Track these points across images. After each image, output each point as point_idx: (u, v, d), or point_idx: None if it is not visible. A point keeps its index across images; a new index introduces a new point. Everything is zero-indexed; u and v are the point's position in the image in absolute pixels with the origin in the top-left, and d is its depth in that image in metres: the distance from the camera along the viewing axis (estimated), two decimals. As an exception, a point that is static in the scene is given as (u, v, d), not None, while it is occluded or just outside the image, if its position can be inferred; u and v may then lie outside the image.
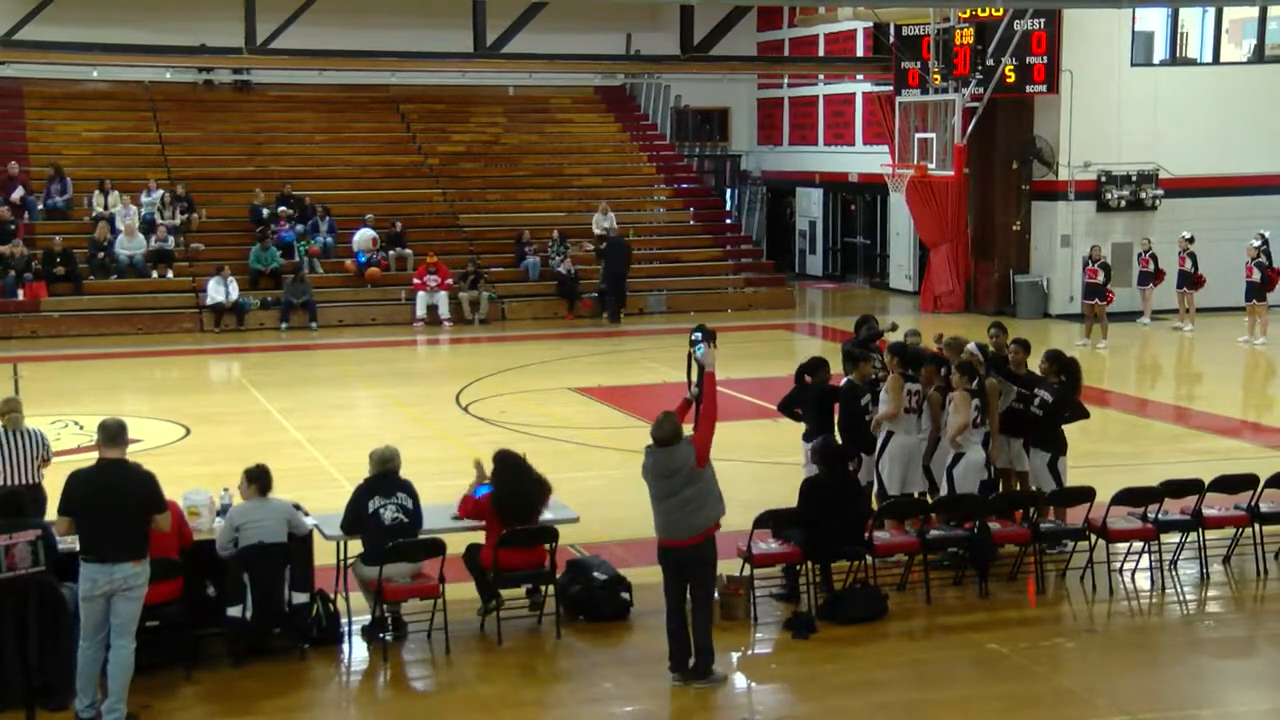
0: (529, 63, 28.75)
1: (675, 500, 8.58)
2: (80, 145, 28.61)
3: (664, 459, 8.60)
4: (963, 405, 10.55)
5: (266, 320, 25.13)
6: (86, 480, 7.94)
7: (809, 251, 34.95)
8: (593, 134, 32.88)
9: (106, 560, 7.74)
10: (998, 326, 12.12)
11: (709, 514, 8.70)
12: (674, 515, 8.60)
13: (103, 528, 7.76)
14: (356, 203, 27.98)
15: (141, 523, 7.91)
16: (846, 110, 32.78)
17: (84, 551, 7.82)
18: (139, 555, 7.86)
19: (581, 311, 26.67)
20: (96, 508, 7.77)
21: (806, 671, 9.07)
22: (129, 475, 7.95)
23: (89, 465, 8.03)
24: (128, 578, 7.80)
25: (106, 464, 7.93)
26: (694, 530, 8.60)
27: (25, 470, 9.65)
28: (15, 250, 24.47)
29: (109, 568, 7.74)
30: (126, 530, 7.82)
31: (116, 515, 7.78)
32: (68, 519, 7.86)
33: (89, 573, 7.77)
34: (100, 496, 7.80)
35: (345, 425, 16.88)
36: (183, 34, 27.40)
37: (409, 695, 8.97)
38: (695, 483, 8.59)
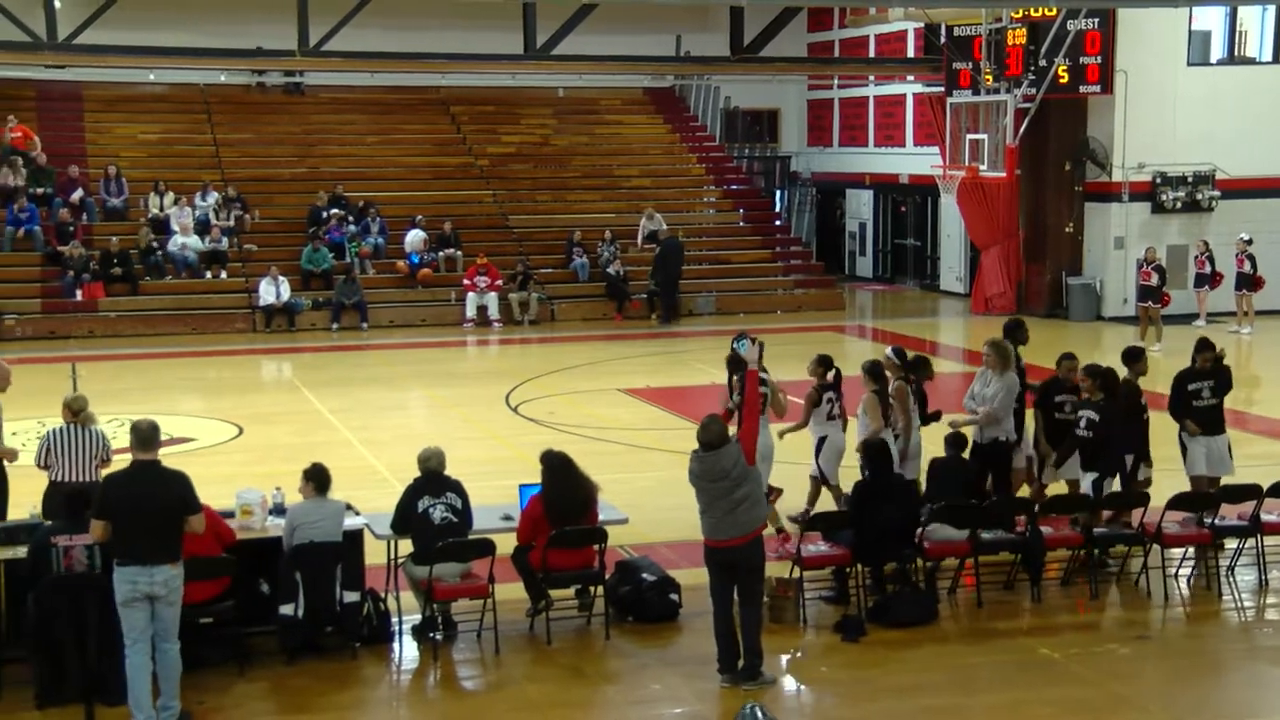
0: (579, 64, 28.78)
1: (727, 502, 8.53)
2: (137, 147, 28.96)
3: (712, 463, 8.55)
4: (872, 407, 10.95)
5: (318, 321, 25.33)
6: (121, 483, 7.96)
7: (859, 253, 34.81)
8: (642, 135, 32.91)
9: (145, 563, 7.71)
10: (1069, 357, 11.66)
11: (759, 513, 8.70)
12: (725, 517, 8.55)
13: (139, 530, 7.73)
14: (407, 204, 28.14)
15: (176, 524, 7.87)
16: (897, 111, 32.60)
17: (120, 555, 7.78)
18: (175, 558, 7.84)
19: (630, 312, 26.68)
20: (132, 511, 7.74)
21: (855, 674, 9.02)
22: (162, 477, 7.94)
23: (122, 469, 8.08)
24: (166, 581, 7.77)
25: (139, 466, 7.92)
26: (744, 529, 8.57)
27: (85, 469, 9.76)
28: (74, 251, 24.81)
29: (148, 570, 7.71)
30: (162, 532, 7.79)
31: (151, 517, 7.76)
32: (104, 523, 7.82)
33: (126, 575, 7.73)
34: (135, 499, 7.77)
35: (395, 425, 16.97)
36: (237, 37, 27.67)
37: (459, 695, 9.00)
38: (745, 482, 8.57)
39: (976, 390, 11.45)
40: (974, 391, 11.48)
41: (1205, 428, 11.35)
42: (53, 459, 9.76)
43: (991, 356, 11.41)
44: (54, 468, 9.75)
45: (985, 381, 11.40)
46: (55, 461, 9.75)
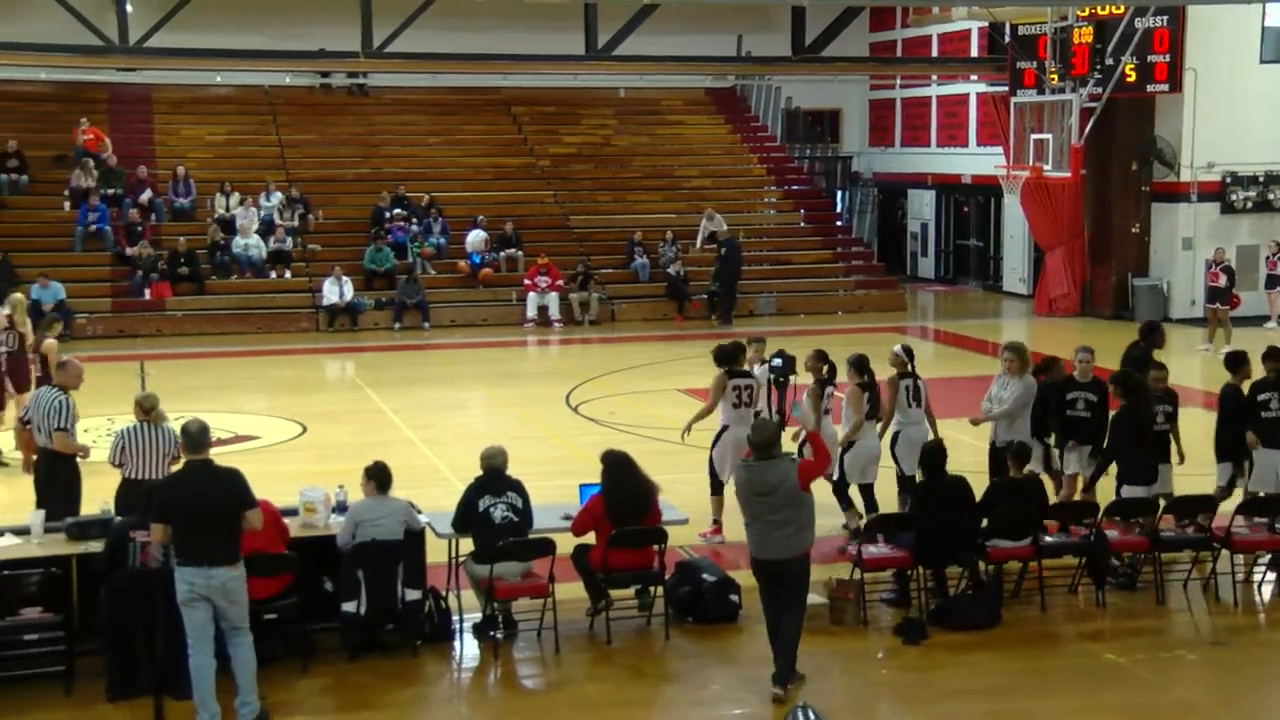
0: (640, 64, 28.82)
1: (775, 519, 8.30)
2: (204, 148, 29.35)
3: (760, 474, 8.34)
4: (855, 400, 11.27)
5: (380, 320, 25.54)
6: (176, 485, 8.04)
7: (920, 254, 34.58)
8: (703, 136, 32.88)
9: (201, 564, 7.76)
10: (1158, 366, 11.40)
11: (805, 538, 8.46)
12: (772, 534, 8.33)
13: (196, 531, 7.78)
14: (468, 204, 28.30)
15: (234, 523, 7.91)
16: (960, 111, 32.35)
17: (178, 555, 7.83)
18: (233, 559, 7.87)
19: (691, 313, 26.67)
20: (188, 512, 7.79)
21: (917, 677, 8.96)
22: (217, 476, 7.99)
23: (176, 471, 8.16)
24: (225, 583, 7.81)
25: (193, 467, 7.98)
26: (792, 550, 8.39)
27: (157, 466, 9.90)
28: (142, 251, 25.19)
29: (205, 571, 7.75)
30: (219, 532, 7.83)
31: (208, 517, 7.81)
32: (163, 526, 7.88)
33: (184, 576, 7.77)
34: (191, 500, 7.83)
35: (456, 425, 17.07)
36: (302, 39, 27.97)
37: (519, 693, 9.04)
38: (796, 505, 8.32)
39: (994, 392, 11.46)
40: (991, 394, 11.49)
41: (1265, 439, 10.88)
42: (126, 456, 9.92)
43: (1013, 360, 11.39)
44: (127, 465, 9.91)
45: (1003, 384, 11.38)
46: (128, 459, 9.91)
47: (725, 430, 11.50)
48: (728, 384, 11.49)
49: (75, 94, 29.33)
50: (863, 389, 11.36)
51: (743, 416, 11.35)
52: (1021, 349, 11.60)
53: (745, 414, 11.38)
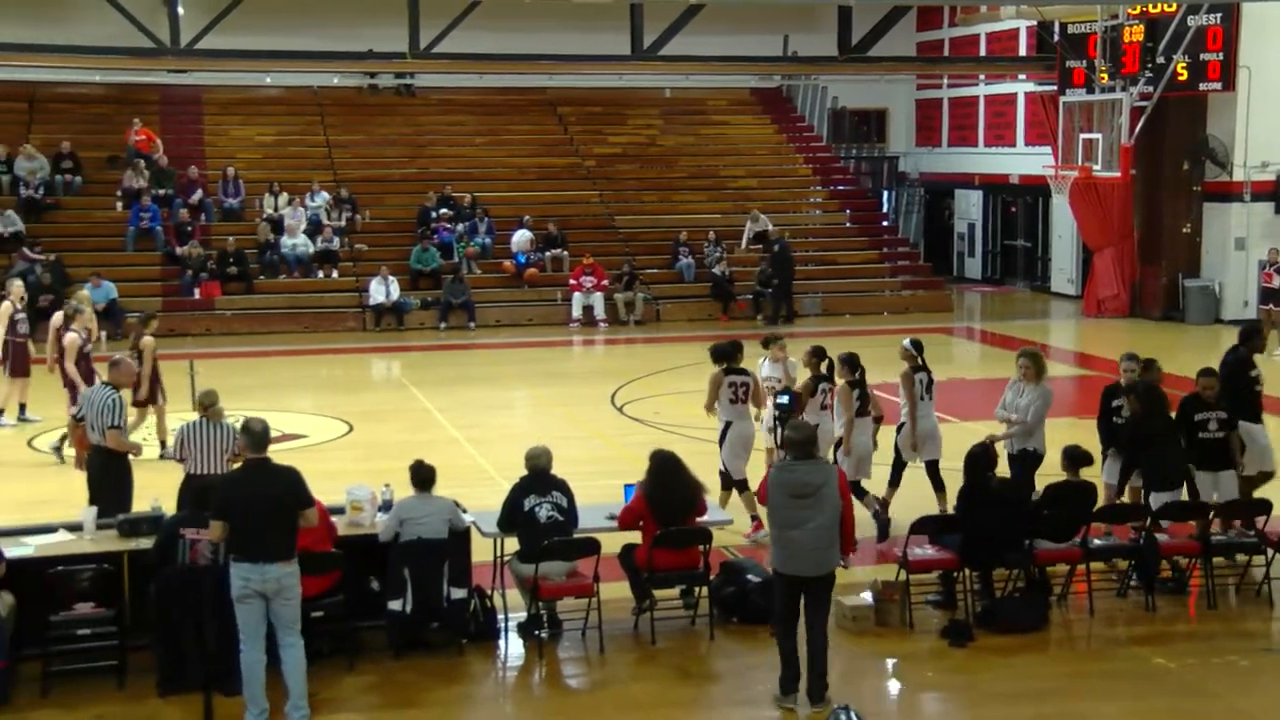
0: (686, 65, 28.82)
1: (810, 529, 8.04)
2: (253, 149, 29.62)
3: (805, 474, 8.09)
4: (844, 398, 11.38)
5: (426, 320, 25.68)
6: (237, 483, 8.12)
7: (968, 254, 34.37)
8: (748, 136, 32.83)
9: (257, 560, 7.82)
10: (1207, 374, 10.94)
11: (835, 554, 8.29)
12: (804, 546, 8.04)
13: (253, 528, 7.84)
14: (514, 204, 28.40)
15: (290, 521, 7.99)
16: (1008, 111, 32.12)
17: (234, 551, 7.90)
18: (288, 556, 7.94)
19: (736, 313, 26.63)
20: (247, 509, 7.86)
21: (963, 680, 8.90)
22: (275, 474, 8.07)
23: (237, 469, 8.23)
24: (280, 579, 7.86)
25: (253, 465, 8.06)
26: (823, 567, 8.19)
27: (216, 462, 10.03)
28: (192, 251, 25.45)
29: (260, 567, 7.81)
30: (276, 529, 7.90)
31: (266, 515, 7.88)
32: (222, 523, 7.95)
33: (239, 572, 7.83)
34: (250, 498, 7.89)
35: (501, 424, 17.13)
36: (350, 40, 28.19)
37: (563, 692, 9.06)
38: (833, 515, 8.12)
39: (1009, 399, 11.19)
40: (1006, 401, 11.22)
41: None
42: (186, 451, 10.05)
43: (1028, 367, 11.15)
44: (188, 460, 10.04)
45: (1019, 391, 11.15)
46: (189, 454, 10.04)
47: (729, 426, 11.72)
48: (724, 381, 11.68)
49: (128, 96, 29.68)
50: (852, 386, 11.50)
51: (741, 412, 11.69)
52: (1037, 355, 11.33)
53: (743, 409, 11.71)
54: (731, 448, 11.68)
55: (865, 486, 11.66)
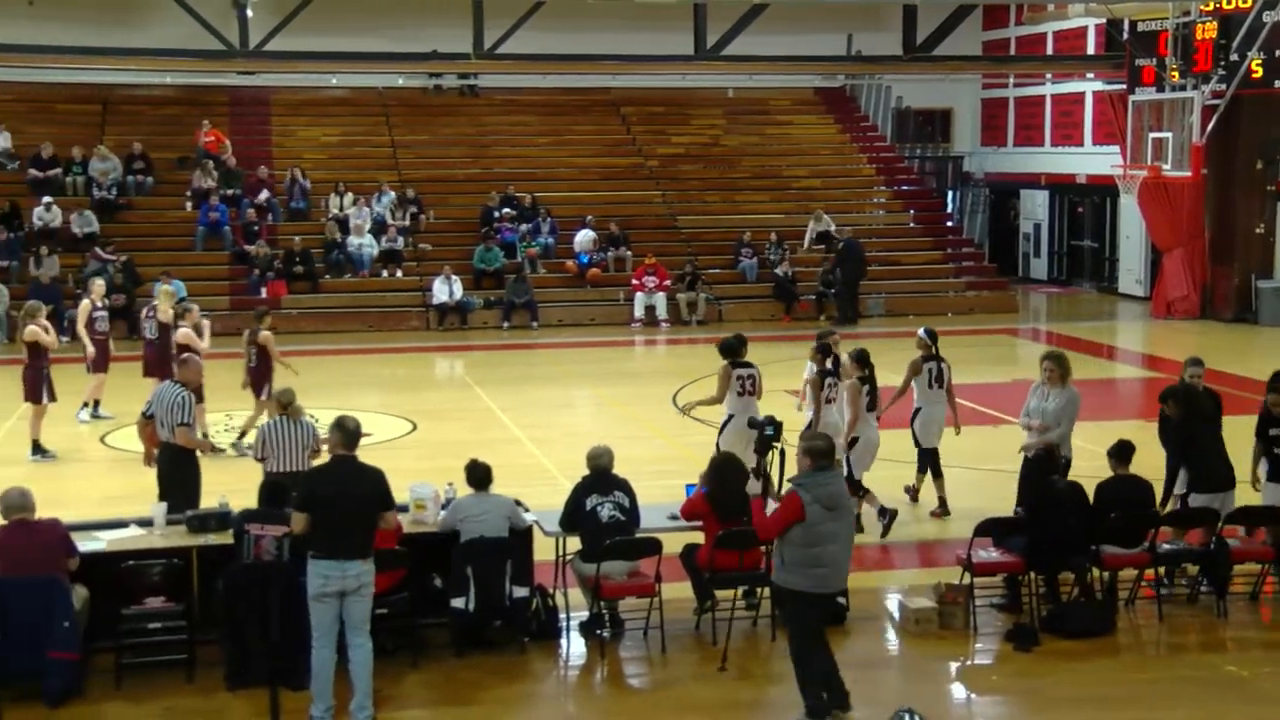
0: (749, 64, 28.76)
1: (844, 541, 7.91)
2: (319, 149, 29.92)
3: (835, 485, 7.93)
4: (853, 396, 11.57)
5: (489, 319, 25.81)
6: (322, 478, 8.17)
7: (1033, 254, 34.03)
8: (812, 135, 32.70)
9: (338, 557, 7.86)
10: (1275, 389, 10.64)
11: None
12: (841, 559, 7.89)
13: (336, 524, 7.89)
14: (577, 204, 28.47)
15: (372, 520, 8.05)
16: (1075, 110, 31.75)
17: (316, 549, 7.93)
18: (368, 554, 8.00)
19: (799, 313, 26.53)
20: (331, 505, 7.92)
21: (1028, 684, 8.81)
22: (362, 473, 8.11)
23: (323, 464, 8.30)
24: (359, 575, 7.92)
25: (340, 461, 8.11)
26: (843, 579, 8.13)
27: (297, 459, 10.15)
28: (259, 250, 25.76)
29: (341, 565, 7.86)
30: (358, 527, 7.96)
31: (350, 513, 7.94)
32: (305, 516, 8.00)
33: (320, 570, 7.88)
34: (335, 494, 7.94)
35: (564, 423, 17.17)
36: (415, 41, 28.41)
37: (625, 692, 9.06)
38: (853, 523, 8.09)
39: (1033, 405, 10.89)
40: (1030, 407, 10.92)
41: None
42: (268, 450, 10.17)
43: (1054, 370, 10.85)
44: (270, 459, 10.15)
45: (1042, 396, 10.84)
46: (270, 453, 10.16)
47: (731, 419, 11.88)
48: (732, 374, 11.93)
49: (197, 97, 30.11)
50: (862, 383, 11.70)
51: (746, 405, 11.82)
52: (1063, 357, 11.05)
53: (749, 402, 11.87)
54: (730, 437, 11.74)
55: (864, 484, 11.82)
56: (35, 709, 8.23)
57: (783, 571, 7.94)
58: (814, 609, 8.00)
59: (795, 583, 7.89)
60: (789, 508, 7.85)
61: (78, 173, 26.92)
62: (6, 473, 13.08)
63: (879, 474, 12.20)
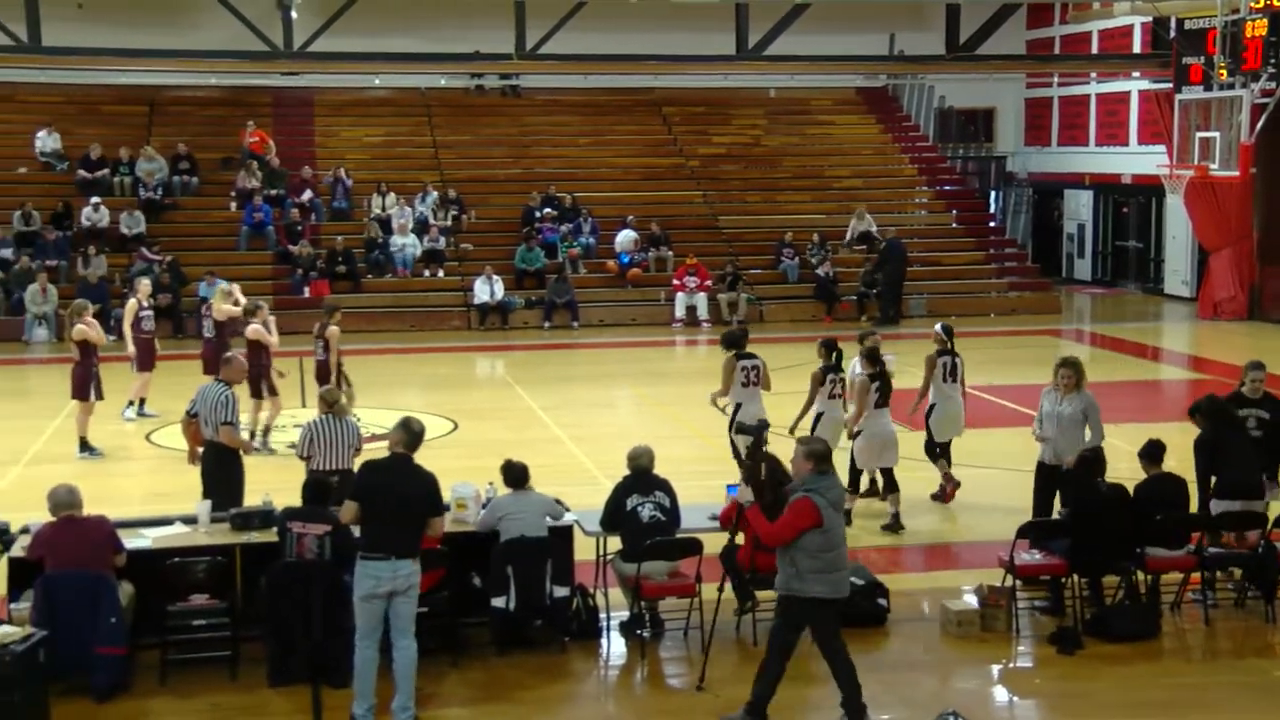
0: (791, 64, 28.71)
1: (843, 549, 7.88)
2: (361, 150, 30.09)
3: (839, 485, 7.89)
4: (861, 392, 11.95)
5: (530, 319, 25.87)
6: (377, 471, 8.17)
7: (1077, 255, 33.77)
8: (853, 135, 32.59)
9: (389, 555, 7.88)
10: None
11: None
12: (836, 564, 7.81)
13: (387, 521, 7.92)
14: (618, 204, 28.49)
15: (421, 522, 8.07)
16: (1121, 109, 31.48)
17: (366, 547, 7.95)
18: (415, 554, 8.03)
19: (840, 314, 26.44)
20: (382, 499, 7.94)
21: (1071, 688, 8.74)
22: (416, 474, 8.15)
23: (379, 458, 8.33)
24: (408, 575, 7.94)
25: (396, 459, 8.14)
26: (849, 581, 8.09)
27: (341, 457, 10.21)
28: (302, 250, 25.94)
29: (392, 564, 7.88)
30: (408, 526, 7.99)
31: (401, 512, 7.97)
32: (356, 506, 8.03)
33: (371, 570, 7.88)
34: (387, 489, 7.98)
35: (604, 423, 17.19)
36: (457, 42, 28.53)
37: (665, 692, 9.06)
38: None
39: (1047, 410, 10.66)
40: (1045, 412, 10.68)
41: None
42: (313, 449, 10.24)
43: (1071, 377, 10.64)
44: (314, 457, 10.22)
45: (1055, 401, 10.62)
46: (315, 451, 10.23)
47: (739, 408, 12.36)
48: (736, 365, 12.45)
49: (242, 98, 30.35)
50: (872, 379, 11.99)
51: (752, 394, 12.44)
52: (1079, 364, 10.86)
53: (754, 392, 12.47)
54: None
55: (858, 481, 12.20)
56: (83, 703, 8.33)
57: (798, 581, 7.78)
58: (833, 613, 7.95)
59: (815, 590, 7.78)
60: (804, 514, 7.69)
61: (125, 173, 27.21)
62: (54, 470, 13.27)
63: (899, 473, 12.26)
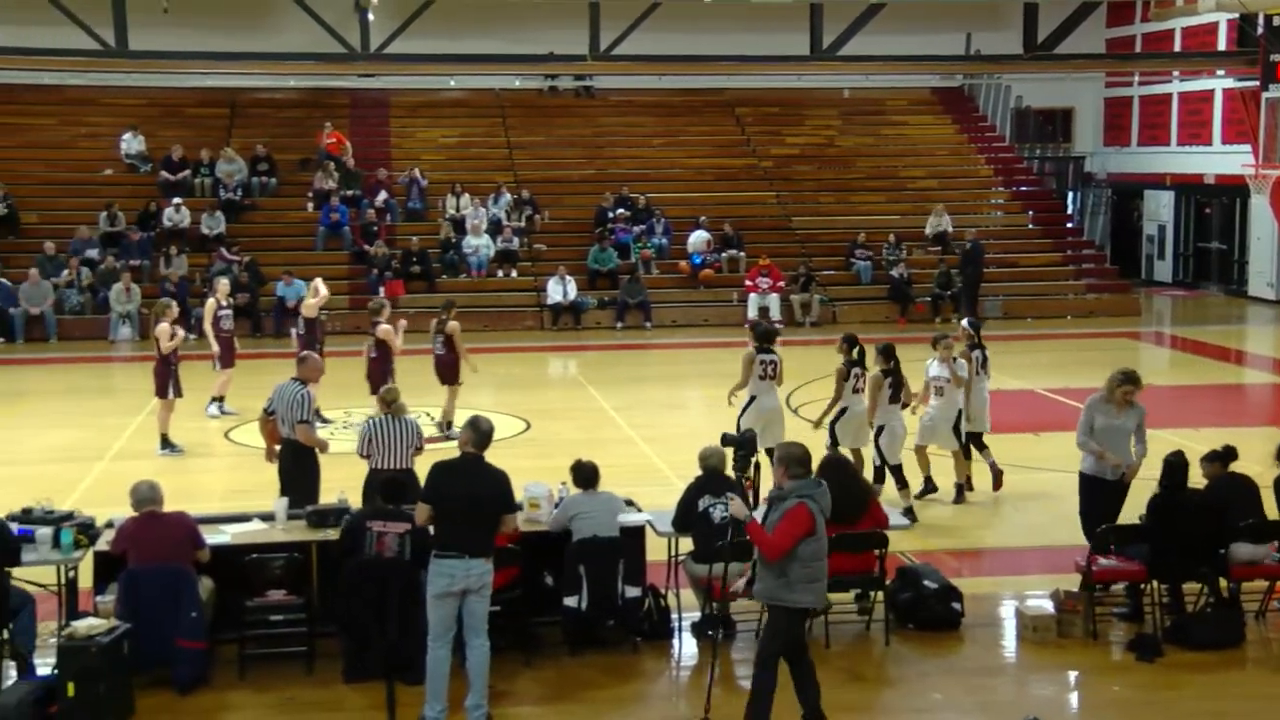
0: (866, 65, 28.56)
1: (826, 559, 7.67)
2: (437, 151, 30.34)
3: (828, 492, 7.70)
4: (873, 388, 12.19)
5: (603, 319, 25.93)
6: (448, 472, 8.19)
7: (1157, 256, 33.23)
8: (928, 136, 32.32)
9: (464, 554, 7.91)
10: None
11: None
12: (822, 574, 7.61)
13: (460, 522, 7.95)
14: (691, 205, 28.48)
15: (495, 521, 8.11)
16: (1204, 108, 30.93)
17: (441, 547, 7.98)
18: (489, 553, 8.06)
19: (914, 315, 26.23)
20: (454, 501, 7.98)
21: (1150, 696, 8.59)
22: (488, 473, 8.17)
23: (452, 457, 8.37)
24: (481, 575, 7.97)
25: (467, 460, 8.17)
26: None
27: (401, 456, 10.29)
28: (378, 250, 26.20)
29: (466, 563, 7.90)
30: (481, 526, 8.02)
31: (474, 511, 7.99)
32: (429, 508, 8.08)
33: (445, 569, 7.91)
34: (459, 490, 8.00)
35: (676, 424, 17.17)
36: (532, 43, 28.68)
37: (736, 693, 8.99)
38: None
39: (1100, 424, 10.17)
40: (1096, 425, 10.16)
41: None
42: (373, 448, 10.33)
43: (1132, 392, 10.23)
44: (374, 456, 10.32)
45: (1110, 414, 10.18)
46: (374, 450, 10.32)
47: (753, 400, 12.63)
48: (756, 359, 12.64)
49: (320, 100, 30.73)
50: (886, 375, 12.25)
51: (768, 388, 12.71)
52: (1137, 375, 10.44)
53: (770, 385, 12.74)
54: (750, 418, 12.45)
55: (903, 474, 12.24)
56: (165, 695, 8.46)
57: (787, 590, 7.51)
58: (801, 624, 7.78)
59: (804, 600, 7.56)
60: (801, 522, 7.43)
61: (205, 174, 27.65)
62: (137, 466, 13.53)
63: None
